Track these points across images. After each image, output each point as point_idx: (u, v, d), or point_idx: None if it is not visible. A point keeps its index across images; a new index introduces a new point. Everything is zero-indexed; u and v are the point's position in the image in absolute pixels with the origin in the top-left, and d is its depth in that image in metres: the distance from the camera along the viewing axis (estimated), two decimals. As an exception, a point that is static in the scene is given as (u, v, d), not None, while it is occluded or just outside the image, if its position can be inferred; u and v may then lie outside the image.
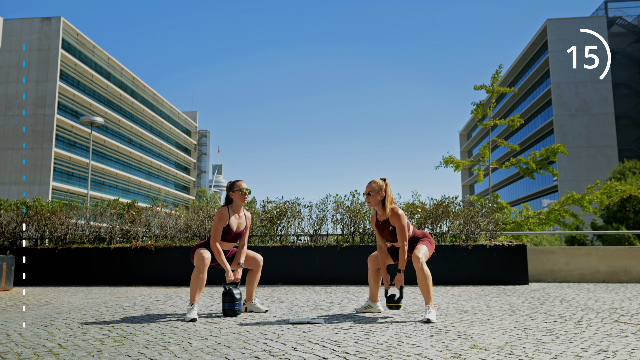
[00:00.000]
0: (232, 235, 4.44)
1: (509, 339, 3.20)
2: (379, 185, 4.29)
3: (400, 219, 4.18)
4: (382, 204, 4.31)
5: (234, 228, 4.45)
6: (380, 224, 4.37)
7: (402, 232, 4.19)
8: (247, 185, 4.57)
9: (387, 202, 4.27)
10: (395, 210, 4.22)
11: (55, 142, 39.96)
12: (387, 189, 4.30)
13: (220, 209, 4.46)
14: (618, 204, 19.61)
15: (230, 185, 4.57)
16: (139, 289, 7.04)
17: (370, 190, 4.30)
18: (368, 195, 4.31)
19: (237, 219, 4.50)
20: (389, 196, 4.29)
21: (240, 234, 4.50)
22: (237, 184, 4.53)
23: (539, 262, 8.11)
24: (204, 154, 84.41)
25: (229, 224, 4.41)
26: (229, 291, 4.30)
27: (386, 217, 4.28)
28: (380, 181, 4.32)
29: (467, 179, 69.39)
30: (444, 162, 14.75)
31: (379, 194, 4.28)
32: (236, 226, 4.47)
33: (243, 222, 4.55)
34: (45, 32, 40.51)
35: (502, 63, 14.00)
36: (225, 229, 4.40)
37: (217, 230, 4.36)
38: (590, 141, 42.04)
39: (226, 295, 4.31)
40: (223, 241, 4.43)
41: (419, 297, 5.71)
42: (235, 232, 4.45)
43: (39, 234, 8.43)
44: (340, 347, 3.00)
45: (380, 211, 4.35)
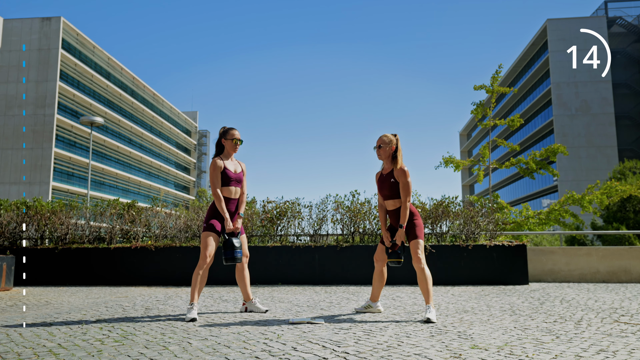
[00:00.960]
0: (232, 179, 4.42)
1: (509, 339, 3.20)
2: (389, 138, 4.33)
3: (405, 174, 4.22)
4: (392, 157, 4.33)
5: (232, 169, 4.45)
6: (382, 176, 4.38)
7: (405, 187, 4.21)
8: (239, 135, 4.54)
9: (399, 154, 4.31)
10: (403, 166, 4.26)
11: (55, 142, 39.96)
12: (398, 143, 4.34)
13: (212, 160, 4.45)
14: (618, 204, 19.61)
15: (223, 131, 4.52)
16: (139, 289, 7.04)
17: (381, 142, 4.34)
18: (379, 148, 4.35)
19: (233, 164, 4.51)
20: (400, 150, 4.33)
21: (239, 178, 4.49)
22: (231, 132, 4.49)
23: (539, 262, 8.11)
24: (204, 154, 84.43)
25: (225, 168, 4.41)
26: (229, 240, 4.33)
27: (391, 169, 4.30)
28: (391, 135, 4.36)
29: (467, 179, 69.40)
30: (444, 162, 14.75)
31: (389, 146, 4.32)
32: (233, 168, 4.47)
33: (239, 166, 4.56)
34: (45, 32, 40.51)
35: (502, 63, 14.02)
36: (223, 174, 4.39)
37: (215, 178, 4.36)
38: (590, 141, 42.04)
39: (226, 244, 4.33)
40: (224, 186, 4.41)
41: (419, 297, 5.71)
42: (234, 174, 4.44)
43: (39, 234, 8.43)
44: (340, 347, 3.00)
45: (387, 164, 4.37)
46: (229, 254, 4.33)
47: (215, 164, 4.40)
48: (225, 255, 4.34)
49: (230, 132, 4.50)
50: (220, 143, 4.53)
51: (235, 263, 4.39)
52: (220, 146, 4.52)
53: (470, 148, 70.56)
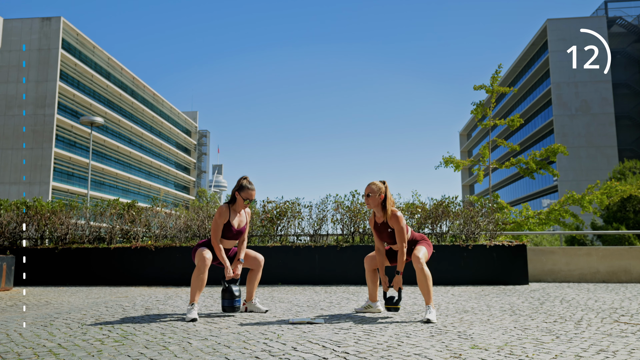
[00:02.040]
0: (233, 233, 4.43)
1: (509, 339, 3.20)
2: (378, 187, 4.29)
3: (399, 220, 4.18)
4: (382, 206, 4.30)
5: (235, 225, 4.44)
6: (378, 226, 4.37)
7: (400, 233, 4.19)
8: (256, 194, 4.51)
9: (388, 203, 4.26)
10: (395, 212, 4.22)
11: (55, 142, 39.95)
12: (386, 191, 4.30)
13: (221, 206, 4.44)
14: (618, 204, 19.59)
15: (241, 185, 4.45)
16: (139, 289, 7.04)
17: (369, 192, 4.29)
18: (367, 197, 4.31)
19: (238, 217, 4.50)
20: (389, 198, 4.28)
21: (241, 232, 4.50)
22: (247, 192, 4.43)
23: (539, 262, 8.11)
24: (204, 154, 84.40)
25: (229, 221, 4.40)
26: (229, 288, 4.31)
27: (385, 219, 4.28)
28: (379, 183, 4.32)
29: (467, 179, 69.39)
30: (444, 162, 14.74)
31: (378, 195, 4.28)
32: (237, 224, 4.46)
33: (244, 219, 4.55)
34: (45, 32, 40.50)
35: (501, 63, 13.99)
36: (226, 226, 4.39)
37: (217, 227, 4.35)
38: (590, 141, 42.03)
39: (225, 292, 4.32)
40: (224, 239, 4.42)
41: (419, 297, 5.71)
42: (236, 229, 4.44)
43: (39, 234, 8.43)
44: (340, 347, 3.00)
45: (379, 213, 4.34)
46: (228, 303, 4.31)
47: (221, 214, 4.36)
48: (224, 304, 4.32)
49: (247, 191, 4.43)
50: (234, 196, 4.47)
51: (235, 312, 4.35)
52: (234, 197, 4.47)
53: (470, 148, 70.55)
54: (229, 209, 4.45)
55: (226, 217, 4.39)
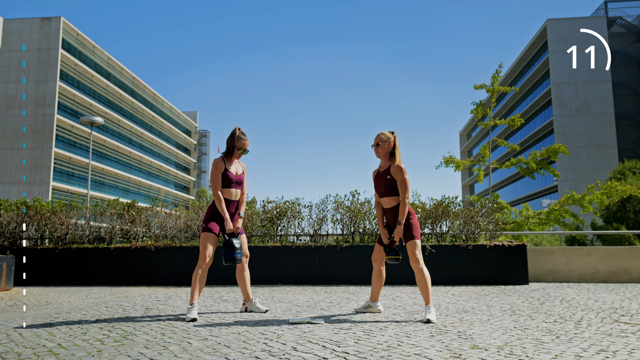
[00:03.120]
0: (232, 180, 4.44)
1: (509, 339, 3.20)
2: (387, 136, 4.36)
3: (402, 172, 4.24)
4: (390, 154, 4.35)
5: (233, 171, 4.47)
6: (379, 174, 4.40)
7: (403, 184, 4.23)
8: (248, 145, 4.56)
9: (397, 152, 4.33)
10: (400, 163, 4.28)
11: (55, 142, 39.96)
12: (395, 140, 4.37)
13: (215, 159, 4.46)
14: (618, 204, 19.61)
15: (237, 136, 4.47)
16: (139, 289, 7.04)
17: (378, 140, 4.36)
18: (377, 146, 4.37)
19: (234, 165, 4.53)
20: (398, 147, 4.35)
21: (240, 180, 4.51)
22: (240, 142, 4.48)
23: (539, 262, 8.11)
24: (204, 154, 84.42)
25: (226, 169, 4.43)
26: (229, 240, 4.34)
27: (388, 166, 4.32)
28: (389, 133, 4.38)
29: (467, 179, 69.40)
30: (445, 162, 14.75)
31: (387, 144, 4.34)
32: (234, 170, 4.49)
33: (240, 168, 4.58)
34: (45, 32, 40.51)
35: (502, 63, 13.98)
36: (224, 175, 4.41)
37: (216, 179, 4.39)
38: (590, 141, 42.04)
39: (226, 245, 4.34)
40: (224, 188, 4.43)
41: (419, 297, 5.71)
42: (235, 175, 4.46)
43: (39, 234, 8.43)
44: (340, 347, 3.00)
45: (384, 162, 4.39)
46: (229, 255, 4.34)
47: (217, 165, 4.42)
48: (225, 256, 4.35)
49: (240, 140, 4.48)
50: (230, 147, 4.49)
51: (235, 264, 4.41)
52: (232, 149, 4.49)
53: (471, 148, 70.56)
54: (224, 160, 4.47)
55: (222, 166, 4.42)
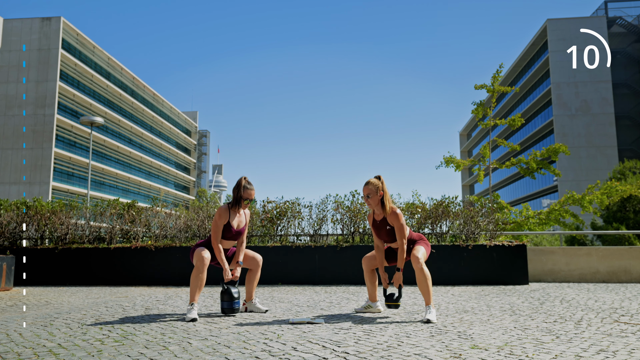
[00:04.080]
0: (232, 234, 4.43)
1: (509, 339, 3.20)
2: (375, 185, 4.28)
3: (398, 217, 4.19)
4: (381, 204, 4.31)
5: (235, 226, 4.45)
6: (377, 223, 4.37)
7: (400, 230, 4.20)
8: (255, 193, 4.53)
9: (386, 200, 4.27)
10: (394, 209, 4.23)
11: (55, 142, 39.94)
12: (383, 186, 4.30)
13: (220, 207, 4.45)
14: (618, 204, 19.59)
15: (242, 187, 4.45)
16: (139, 289, 7.04)
17: (368, 192, 4.29)
18: (367, 198, 4.31)
19: (238, 217, 4.50)
20: (386, 194, 4.29)
21: (240, 232, 4.50)
22: (247, 191, 4.45)
23: (539, 262, 8.11)
24: (204, 154, 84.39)
25: (229, 222, 4.41)
26: (227, 290, 4.31)
27: (384, 215, 4.28)
28: (376, 180, 4.31)
29: (467, 179, 69.38)
30: (445, 162, 14.74)
31: (377, 194, 4.28)
32: (237, 224, 4.47)
33: (243, 220, 4.55)
34: (45, 32, 40.49)
35: (502, 62, 13.98)
36: (225, 227, 4.39)
37: (217, 228, 4.35)
38: (590, 141, 42.03)
39: (224, 294, 4.32)
40: (223, 239, 4.42)
41: (419, 297, 5.71)
42: (235, 229, 4.45)
43: (39, 234, 8.43)
44: (340, 347, 2.99)
45: (378, 210, 4.34)
46: (228, 305, 4.31)
47: (220, 215, 4.36)
48: (223, 306, 4.33)
49: (247, 191, 4.44)
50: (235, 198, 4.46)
51: (234, 314, 4.37)
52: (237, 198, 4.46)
53: (471, 148, 70.54)
54: (229, 210, 4.45)
55: (226, 218, 4.39)
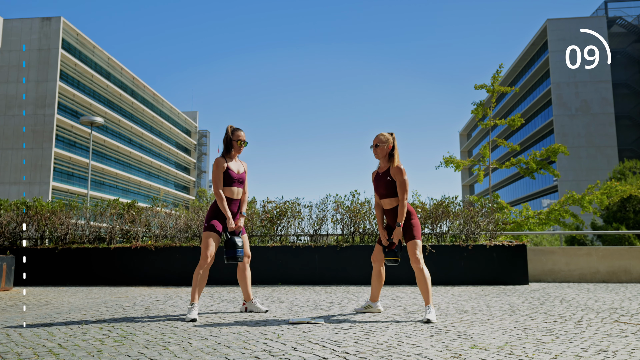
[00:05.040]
0: (234, 179, 4.45)
1: (509, 339, 3.20)
2: (386, 137, 4.35)
3: (402, 173, 4.23)
4: (389, 156, 4.34)
5: (235, 170, 4.48)
6: (379, 175, 4.39)
7: (402, 185, 4.22)
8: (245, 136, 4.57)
9: (396, 153, 4.32)
10: (400, 164, 4.27)
11: (55, 142, 39.95)
12: (394, 141, 4.35)
13: (216, 158, 4.47)
14: (618, 204, 19.60)
15: (232, 130, 4.52)
16: (139, 289, 7.04)
17: (377, 141, 4.35)
18: (375, 147, 4.36)
19: (236, 164, 4.54)
20: (396, 148, 4.34)
21: (242, 179, 4.51)
22: (236, 133, 4.52)
23: (539, 262, 8.11)
24: (204, 154, 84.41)
25: (228, 167, 4.43)
26: (231, 239, 4.34)
27: (387, 168, 4.31)
28: (388, 134, 4.37)
29: (467, 179, 69.39)
30: (445, 162, 14.74)
31: (386, 145, 4.32)
32: (236, 169, 4.50)
33: (241, 166, 4.59)
34: (45, 32, 40.50)
35: (502, 63, 13.98)
36: (226, 174, 4.42)
37: (218, 177, 4.39)
38: (590, 141, 42.04)
39: (228, 243, 4.34)
40: (227, 187, 4.43)
41: (419, 297, 5.71)
42: (237, 174, 4.47)
43: (39, 234, 8.43)
44: (340, 347, 3.00)
45: (383, 163, 4.38)
46: (231, 253, 4.34)
47: (218, 164, 4.42)
48: (226, 254, 4.36)
49: (236, 132, 4.53)
50: (230, 141, 4.53)
51: (237, 262, 4.41)
52: (230, 144, 4.52)
53: (470, 148, 70.55)
54: (225, 158, 4.48)
55: (224, 165, 4.42)
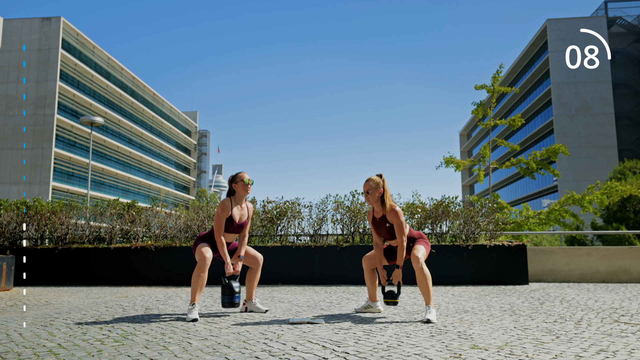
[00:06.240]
0: (234, 227, 4.44)
1: (509, 339, 3.20)
2: (376, 182, 4.30)
3: (398, 215, 4.20)
4: (381, 201, 4.31)
5: (237, 219, 4.46)
6: (377, 221, 4.37)
7: (400, 227, 4.20)
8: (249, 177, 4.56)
9: (387, 197, 4.27)
10: (394, 206, 4.24)
11: (55, 142, 39.94)
12: (384, 184, 4.31)
13: (223, 200, 4.46)
14: (618, 204, 19.59)
15: (232, 177, 4.55)
16: (139, 289, 7.04)
17: (368, 188, 4.30)
18: (367, 194, 4.31)
19: (240, 210, 4.51)
20: (387, 192, 4.30)
21: (242, 225, 4.51)
22: (240, 175, 4.51)
23: (539, 262, 8.11)
24: (204, 154, 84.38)
25: (231, 215, 4.42)
26: (228, 284, 4.32)
27: (384, 213, 4.29)
28: (377, 178, 4.33)
29: (467, 179, 69.38)
30: (445, 162, 14.74)
31: (377, 190, 4.28)
32: (239, 217, 4.48)
33: (245, 213, 4.56)
34: (45, 32, 40.49)
35: (502, 63, 13.98)
36: (228, 220, 4.40)
37: (220, 221, 4.37)
38: (590, 141, 42.03)
39: (225, 288, 4.33)
40: (226, 232, 4.43)
41: (419, 297, 5.71)
42: (237, 223, 4.46)
43: (39, 234, 8.43)
44: (340, 347, 3.00)
45: (378, 208, 4.35)
46: (228, 299, 4.32)
47: (223, 207, 4.39)
48: (223, 300, 4.34)
49: (238, 175, 4.50)
50: (232, 188, 4.51)
51: (234, 308, 4.38)
52: (232, 191, 4.51)
53: (471, 148, 70.54)
54: (231, 202, 4.46)
55: (229, 210, 4.40)
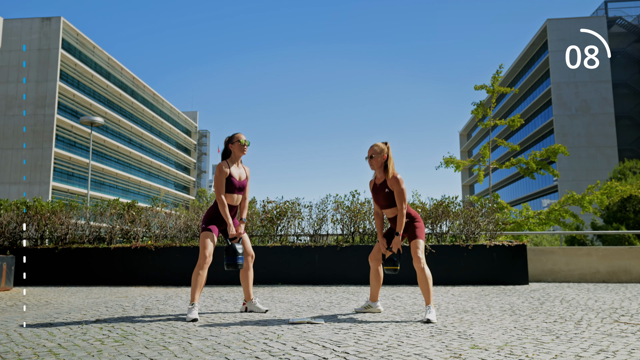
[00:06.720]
0: (235, 186, 4.45)
1: (509, 339, 3.20)
2: (380, 147, 4.33)
3: (399, 182, 4.22)
4: (384, 167, 4.33)
5: (237, 177, 4.47)
6: (377, 186, 4.39)
7: (400, 194, 4.22)
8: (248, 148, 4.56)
9: (390, 163, 4.30)
10: (395, 174, 4.27)
11: (55, 142, 39.94)
12: (389, 151, 4.34)
13: (219, 163, 4.48)
14: (618, 204, 19.60)
15: (229, 137, 4.55)
16: (139, 289, 7.04)
17: (372, 153, 4.34)
18: (370, 158, 4.35)
19: (238, 170, 4.53)
20: (391, 158, 4.33)
21: (243, 186, 4.51)
22: (236, 136, 4.52)
23: (539, 262, 8.11)
24: (204, 154, 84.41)
25: (231, 174, 4.43)
26: (231, 246, 4.34)
27: (385, 178, 4.31)
28: (382, 144, 4.36)
29: (467, 179, 69.39)
30: (445, 162, 14.74)
31: (380, 156, 4.31)
32: (238, 176, 4.49)
33: (243, 172, 4.58)
34: (45, 32, 40.50)
35: (502, 63, 13.99)
36: (228, 180, 4.41)
37: (220, 183, 4.38)
38: (590, 141, 42.04)
39: (228, 250, 4.34)
40: (228, 193, 4.43)
41: (419, 297, 5.71)
42: (238, 181, 4.47)
43: (39, 234, 8.43)
44: (340, 347, 3.00)
45: (380, 174, 4.37)
46: (231, 260, 4.33)
47: (221, 169, 4.41)
48: (226, 261, 4.35)
49: (235, 136, 4.53)
50: (228, 149, 4.53)
51: (237, 269, 4.40)
52: (228, 152, 4.53)
53: (470, 148, 70.55)
54: (228, 163, 4.48)
55: (227, 171, 4.42)
